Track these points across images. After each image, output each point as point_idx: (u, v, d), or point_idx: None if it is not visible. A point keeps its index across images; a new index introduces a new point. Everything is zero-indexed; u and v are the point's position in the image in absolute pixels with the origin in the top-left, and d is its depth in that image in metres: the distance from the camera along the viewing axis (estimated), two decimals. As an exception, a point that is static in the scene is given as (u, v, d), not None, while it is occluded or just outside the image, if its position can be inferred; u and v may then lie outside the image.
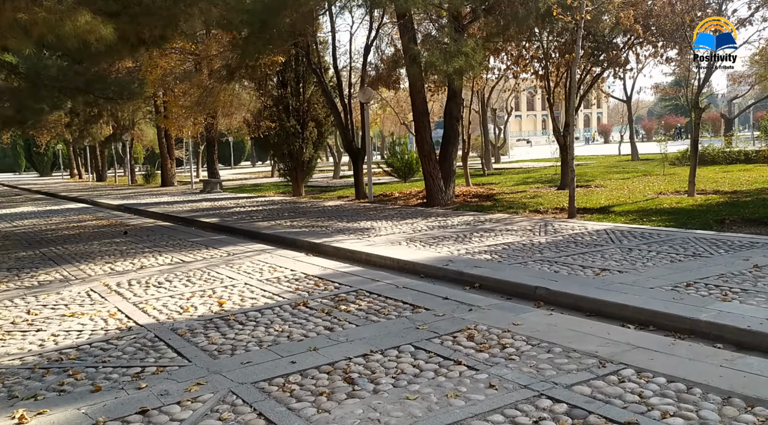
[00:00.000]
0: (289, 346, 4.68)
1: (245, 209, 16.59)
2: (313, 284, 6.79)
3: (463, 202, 15.75)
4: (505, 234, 9.74)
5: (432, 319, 5.21)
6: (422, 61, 12.06)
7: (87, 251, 10.25)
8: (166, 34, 11.66)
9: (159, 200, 21.89)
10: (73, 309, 6.20)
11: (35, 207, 21.58)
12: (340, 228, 11.41)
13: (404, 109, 44.94)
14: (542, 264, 7.27)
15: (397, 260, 8.11)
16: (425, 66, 12.11)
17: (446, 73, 11.87)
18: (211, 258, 8.88)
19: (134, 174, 41.01)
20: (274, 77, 21.95)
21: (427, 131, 15.42)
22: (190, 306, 6.07)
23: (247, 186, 28.62)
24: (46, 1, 8.67)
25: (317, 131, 21.90)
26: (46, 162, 77.28)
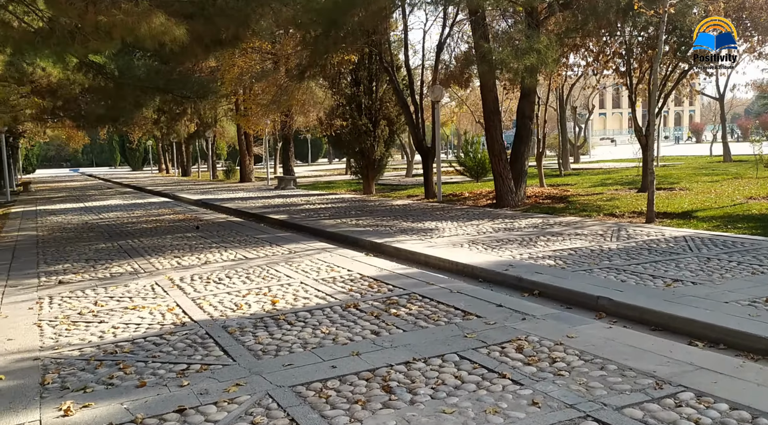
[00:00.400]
0: (332, 349, 4.62)
1: (314, 206, 16.77)
2: (367, 286, 6.72)
3: (535, 203, 15.31)
4: (573, 239, 9.35)
5: (482, 327, 5.02)
6: (492, 59, 11.75)
7: (159, 244, 10.61)
8: (239, 34, 11.89)
9: (235, 195, 22.50)
10: (136, 302, 6.39)
11: (122, 200, 22.65)
12: (403, 228, 11.31)
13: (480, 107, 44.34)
14: (609, 272, 6.91)
15: (455, 263, 7.93)
16: (495, 63, 11.80)
17: (516, 70, 11.53)
18: (273, 256, 8.98)
19: (215, 170, 42.37)
20: (348, 76, 22.11)
21: (498, 130, 15.07)
22: (244, 304, 6.12)
23: (320, 183, 29.00)
24: (125, 4, 8.99)
25: (389, 129, 21.89)
26: (138, 157, 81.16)
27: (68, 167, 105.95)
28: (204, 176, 44.89)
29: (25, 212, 18.82)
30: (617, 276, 6.70)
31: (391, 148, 23.12)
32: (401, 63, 21.32)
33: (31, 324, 5.68)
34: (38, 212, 18.57)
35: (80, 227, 13.86)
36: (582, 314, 5.66)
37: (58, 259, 9.50)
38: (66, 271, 8.40)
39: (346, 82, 22.30)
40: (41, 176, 67.80)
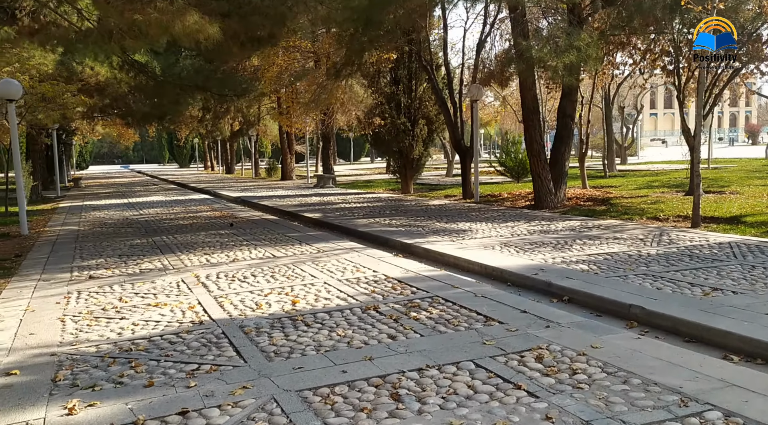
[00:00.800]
0: (345, 353, 4.50)
1: (350, 205, 16.72)
2: (390, 288, 6.59)
3: (575, 205, 14.90)
4: (611, 243, 9.02)
5: (503, 334, 4.83)
6: (530, 57, 11.46)
7: (192, 241, 10.69)
8: (275, 33, 11.92)
9: (273, 193, 22.66)
10: (160, 299, 6.40)
11: (164, 197, 23.06)
12: (436, 229, 11.13)
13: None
14: (644, 279, 6.61)
15: (484, 265, 7.73)
16: (533, 62, 11.50)
17: (555, 69, 11.21)
18: (300, 254, 8.93)
19: (258, 168, 42.83)
20: (387, 74, 22.00)
21: (537, 130, 14.75)
22: (265, 303, 6.07)
23: (359, 182, 28.98)
24: (160, 3, 9.08)
25: (427, 128, 21.68)
26: (185, 154, 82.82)
27: (119, 163, 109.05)
28: (247, 173, 45.47)
29: (71, 207, 19.33)
30: (653, 283, 6.40)
31: (430, 147, 22.90)
32: (441, 62, 21.11)
33: (55, 319, 5.74)
34: (84, 207, 19.06)
35: (120, 223, 14.12)
36: (612, 323, 5.41)
37: (94, 254, 9.67)
38: (98, 266, 8.52)
39: (385, 81, 22.20)
40: (93, 172, 69.87)
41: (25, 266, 8.85)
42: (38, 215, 17.10)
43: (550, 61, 11.04)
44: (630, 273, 6.91)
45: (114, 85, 19.18)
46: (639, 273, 6.91)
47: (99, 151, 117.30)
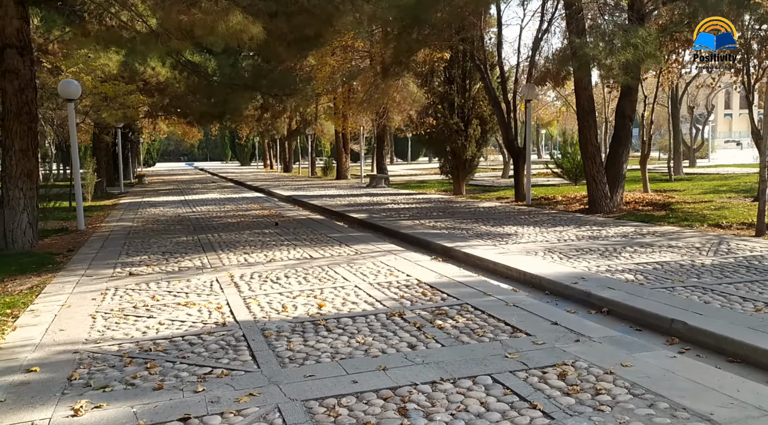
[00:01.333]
0: (360, 362, 4.37)
1: (398, 206, 16.59)
2: (420, 293, 6.41)
3: (632, 210, 14.30)
4: (663, 251, 8.56)
5: (528, 347, 4.59)
6: (582, 55, 11.03)
7: (235, 240, 10.78)
8: (322, 32, 11.89)
9: (325, 192, 22.76)
10: (191, 299, 6.43)
11: (219, 194, 23.52)
12: (480, 232, 10.86)
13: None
14: (693, 292, 6.21)
15: (522, 272, 7.45)
16: (587, 60, 11.06)
17: (609, 67, 10.74)
18: (338, 256, 8.85)
19: (314, 166, 43.20)
20: (441, 74, 21.76)
21: (592, 131, 14.23)
22: (291, 306, 6.00)
23: (413, 183, 28.81)
24: (205, 3, 9.17)
25: (481, 128, 21.31)
26: (246, 153, 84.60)
27: (185, 161, 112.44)
28: (304, 172, 45.97)
29: (130, 204, 19.93)
30: (702, 297, 5.99)
31: (484, 148, 22.51)
32: (495, 61, 20.71)
33: (86, 315, 5.84)
34: (141, 204, 19.61)
35: (171, 220, 14.43)
36: (650, 339, 5.09)
37: (140, 250, 9.87)
38: (141, 263, 8.68)
39: (439, 81, 21.96)
40: (159, 169, 72.16)
41: (74, 261, 9.11)
42: (99, 211, 17.67)
43: (604, 59, 10.58)
44: (678, 285, 6.51)
45: (173, 84, 19.71)
46: (688, 285, 6.50)
47: (166, 148, 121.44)
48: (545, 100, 45.91)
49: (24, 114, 10.79)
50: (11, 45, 10.69)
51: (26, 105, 10.83)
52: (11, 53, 10.68)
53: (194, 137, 64.21)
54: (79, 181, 13.42)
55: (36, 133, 11.27)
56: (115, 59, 18.64)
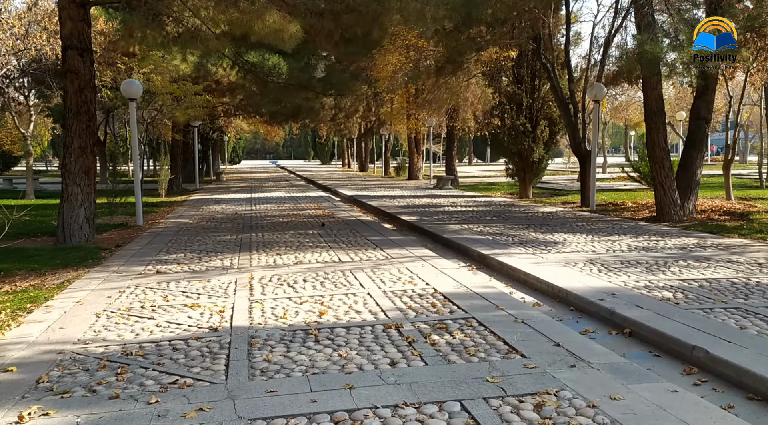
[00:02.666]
0: (331, 378, 4.13)
1: (455, 209, 16.19)
2: (429, 304, 6.10)
3: (706, 219, 13.28)
4: (719, 267, 7.83)
5: (515, 371, 4.21)
6: (643, 52, 10.28)
7: (275, 240, 10.78)
8: (371, 31, 11.72)
9: (389, 193, 22.61)
10: (200, 300, 6.40)
11: (285, 193, 23.83)
12: (526, 239, 10.36)
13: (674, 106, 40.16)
14: (733, 314, 5.58)
15: (551, 285, 6.97)
16: (648, 57, 10.31)
17: (671, 65, 9.95)
18: (366, 260, 8.63)
19: (388, 166, 43.17)
20: (510, 74, 21.12)
21: (660, 133, 13.31)
22: (293, 312, 5.84)
23: (482, 185, 28.18)
24: (243, 3, 9.19)
25: (549, 130, 20.51)
26: (326, 152, 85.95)
27: (269, 159, 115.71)
28: (379, 172, 46.07)
29: (198, 201, 20.50)
30: (740, 321, 5.36)
31: (552, 150, 21.66)
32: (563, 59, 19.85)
33: (92, 314, 5.90)
34: (208, 201, 20.14)
35: (226, 218, 14.67)
36: (665, 367, 4.59)
37: (180, 248, 10.03)
38: (174, 261, 8.80)
39: (508, 80, 21.32)
40: (242, 167, 74.54)
41: (116, 256, 9.36)
42: (166, 207, 18.27)
43: (666, 56, 9.82)
44: (719, 306, 5.87)
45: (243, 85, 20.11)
46: (730, 306, 5.85)
47: (253, 147, 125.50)
48: (630, 101, 43.85)
49: (83, 113, 11.20)
50: (72, 46, 11.11)
51: (85, 104, 11.24)
52: (72, 54, 11.10)
53: (276, 135, 65.84)
54: (139, 178, 13.88)
55: (94, 131, 11.69)
56: (190, 61, 19.26)
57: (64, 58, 11.27)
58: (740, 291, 6.50)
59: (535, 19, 14.64)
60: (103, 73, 18.33)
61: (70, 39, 11.12)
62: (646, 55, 10.33)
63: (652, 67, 11.22)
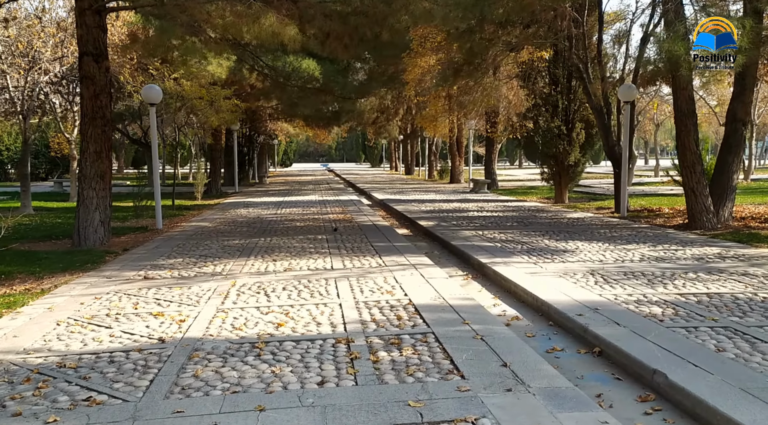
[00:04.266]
0: (246, 398, 3.93)
1: (479, 213, 15.79)
2: (395, 317, 5.82)
3: (742, 227, 12.49)
4: (730, 280, 7.27)
5: (445, 394, 3.91)
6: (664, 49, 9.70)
7: (281, 245, 10.68)
8: (380, 32, 11.52)
9: (422, 197, 22.30)
10: (167, 309, 6.30)
11: (318, 196, 23.81)
12: (536, 247, 9.94)
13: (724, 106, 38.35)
14: (718, 334, 5.13)
15: (536, 297, 6.60)
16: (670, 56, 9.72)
17: (690, 63, 9.33)
18: (357, 268, 8.40)
19: (432, 169, 42.76)
20: (546, 76, 20.50)
21: (691, 136, 12.59)
22: (252, 324, 5.67)
23: (522, 188, 27.49)
24: (240, 7, 9.12)
25: (585, 132, 19.79)
26: (375, 155, 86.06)
27: (321, 162, 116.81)
28: (424, 175, 45.70)
29: (230, 204, 20.69)
30: (721, 342, 4.90)
31: (589, 153, 20.88)
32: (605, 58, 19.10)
33: (54, 321, 5.88)
34: (239, 204, 20.29)
35: (246, 222, 14.69)
36: (621, 392, 4.22)
37: (183, 253, 10.04)
38: (168, 266, 8.78)
39: (544, 82, 20.70)
40: (292, 170, 75.39)
41: (118, 260, 9.44)
42: (194, 210, 18.51)
43: (683, 54, 9.22)
44: (707, 324, 5.40)
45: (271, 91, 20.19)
46: (720, 325, 5.37)
47: (306, 150, 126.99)
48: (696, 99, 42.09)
49: (98, 118, 11.38)
50: (88, 52, 11.30)
51: (101, 109, 11.42)
52: (88, 60, 11.30)
53: (325, 138, 66.30)
54: (158, 181, 14.03)
55: (110, 136, 11.85)
56: (225, 65, 19.47)
57: (81, 64, 11.49)
58: (740, 308, 5.98)
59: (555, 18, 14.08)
60: (136, 79, 18.72)
61: (86, 45, 11.31)
62: (666, 54, 9.74)
63: (673, 67, 10.58)
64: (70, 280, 7.96)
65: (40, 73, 19.03)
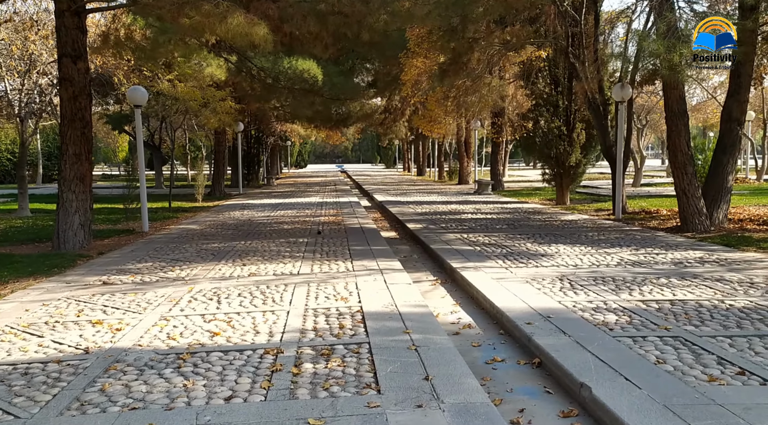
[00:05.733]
0: (142, 416, 3.76)
1: (473, 216, 15.55)
2: (338, 326, 5.63)
3: (737, 230, 12.11)
4: (702, 286, 6.99)
5: (351, 410, 3.71)
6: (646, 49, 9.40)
7: (257, 249, 10.52)
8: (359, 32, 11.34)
9: (423, 198, 22.07)
10: (108, 317, 6.12)
11: (319, 198, 23.65)
12: (515, 251, 9.69)
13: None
14: (665, 344, 4.91)
15: (492, 304, 6.37)
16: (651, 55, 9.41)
17: (670, 64, 9.00)
18: (322, 273, 8.22)
19: (442, 170, 42.46)
20: (546, 74, 20.16)
21: (682, 136, 12.24)
22: (188, 333, 5.50)
23: (527, 189, 27.12)
24: (207, 6, 8.98)
25: (585, 133, 19.41)
26: (390, 156, 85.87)
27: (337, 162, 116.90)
28: (435, 175, 45.42)
29: (227, 206, 20.60)
30: (664, 353, 4.65)
31: (592, 153, 20.49)
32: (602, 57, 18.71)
33: (-9, 328, 5.77)
34: (236, 206, 20.19)
35: (234, 224, 14.57)
36: (547, 407, 4.03)
37: (156, 256, 9.92)
38: (134, 271, 8.66)
39: (545, 82, 20.35)
40: (306, 171, 75.48)
41: (88, 264, 9.35)
42: (191, 212, 18.46)
43: (664, 54, 8.92)
44: (658, 333, 5.15)
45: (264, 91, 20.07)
46: (671, 334, 5.12)
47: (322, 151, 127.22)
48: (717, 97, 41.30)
49: (77, 120, 11.32)
50: (67, 54, 11.23)
51: (80, 111, 11.35)
52: (66, 62, 11.23)
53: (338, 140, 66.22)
54: (144, 183, 13.96)
55: (90, 138, 11.76)
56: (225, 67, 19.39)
57: (59, 65, 11.44)
58: (700, 316, 5.70)
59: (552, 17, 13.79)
60: (131, 80, 18.73)
61: (65, 47, 11.24)
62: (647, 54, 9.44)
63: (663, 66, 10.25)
64: (30, 285, 7.87)
65: (40, 76, 19.15)
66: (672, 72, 9.29)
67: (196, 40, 11.48)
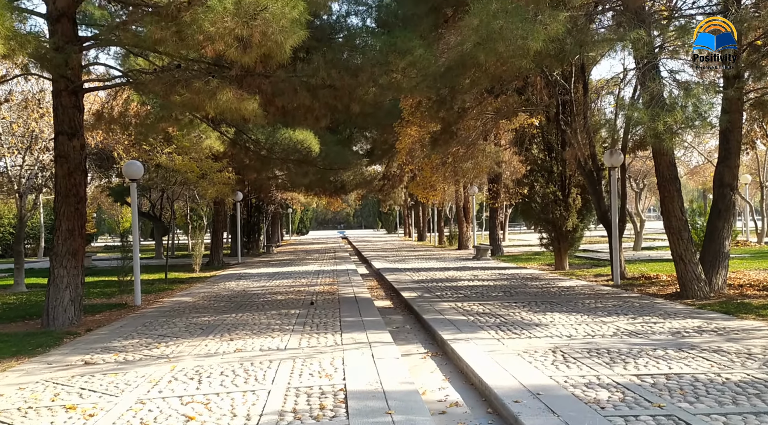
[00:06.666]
0: None
1: (470, 283, 15.38)
2: (318, 407, 5.42)
3: (737, 296, 11.91)
4: (699, 358, 6.80)
5: None
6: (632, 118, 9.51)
7: (247, 322, 10.33)
8: (349, 104, 11.54)
9: (421, 265, 21.93)
10: (83, 401, 5.92)
11: (317, 266, 23.50)
12: (510, 320, 9.51)
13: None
14: (657, 424, 4.63)
15: (481, 380, 6.17)
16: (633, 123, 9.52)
17: (655, 132, 9.07)
18: (310, 348, 8.02)
19: (442, 235, 42.45)
20: (539, 140, 20.42)
21: (675, 202, 12.22)
22: (161, 419, 5.31)
23: (526, 254, 26.97)
24: (197, 83, 9.16)
25: (581, 198, 19.48)
26: (391, 221, 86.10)
27: (339, 229, 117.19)
28: (435, 241, 45.38)
29: (224, 276, 20.45)
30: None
31: (588, 218, 20.49)
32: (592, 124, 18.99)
33: (-40, 415, 5.58)
34: (233, 277, 20.04)
35: (227, 297, 14.41)
36: None
37: (142, 333, 9.73)
38: (119, 349, 8.47)
39: (539, 148, 20.58)
40: (308, 238, 75.58)
41: (72, 343, 9.16)
42: (186, 283, 18.32)
43: (648, 122, 9.00)
44: (651, 412, 4.95)
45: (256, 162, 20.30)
46: (664, 413, 4.92)
47: (324, 217, 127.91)
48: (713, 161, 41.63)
49: (72, 196, 11.35)
50: (63, 132, 11.38)
51: (74, 187, 11.41)
52: (63, 139, 11.36)
53: (339, 206, 66.68)
54: (137, 255, 13.91)
55: (84, 214, 11.77)
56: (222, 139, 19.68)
57: (56, 143, 11.57)
58: (695, 392, 5.49)
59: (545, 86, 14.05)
60: (130, 154, 18.98)
61: (62, 125, 11.39)
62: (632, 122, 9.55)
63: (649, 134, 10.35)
64: (11, 366, 7.68)
65: (42, 151, 19.42)
66: (657, 140, 9.34)
67: (191, 115, 11.67)
